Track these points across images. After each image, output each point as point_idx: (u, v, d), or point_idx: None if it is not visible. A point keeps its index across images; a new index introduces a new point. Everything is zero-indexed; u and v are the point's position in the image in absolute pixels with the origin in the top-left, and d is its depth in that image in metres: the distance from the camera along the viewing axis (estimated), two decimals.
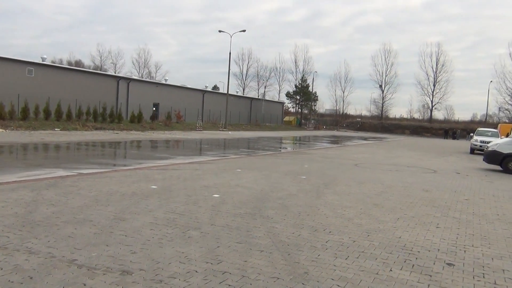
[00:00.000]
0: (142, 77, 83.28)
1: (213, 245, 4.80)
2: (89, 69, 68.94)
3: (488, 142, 21.98)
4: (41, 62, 36.40)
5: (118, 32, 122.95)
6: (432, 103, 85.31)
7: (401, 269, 4.34)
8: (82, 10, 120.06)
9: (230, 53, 46.57)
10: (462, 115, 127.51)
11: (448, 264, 4.61)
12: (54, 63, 71.24)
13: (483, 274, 4.37)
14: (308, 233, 5.51)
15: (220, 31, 47.06)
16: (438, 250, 5.10)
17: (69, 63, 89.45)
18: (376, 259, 4.64)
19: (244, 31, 46.63)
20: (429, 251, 5.03)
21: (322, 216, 6.53)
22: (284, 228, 5.72)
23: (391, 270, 4.30)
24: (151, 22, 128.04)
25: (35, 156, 14.07)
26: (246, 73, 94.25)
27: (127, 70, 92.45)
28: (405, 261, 4.60)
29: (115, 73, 78.82)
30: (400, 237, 5.57)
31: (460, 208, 7.83)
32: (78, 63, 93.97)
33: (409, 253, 4.89)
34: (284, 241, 5.10)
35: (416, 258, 4.72)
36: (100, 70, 77.46)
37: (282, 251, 4.71)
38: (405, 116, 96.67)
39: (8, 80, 32.58)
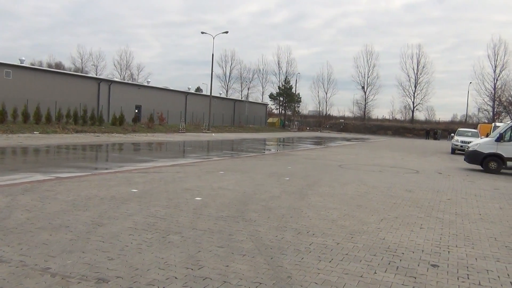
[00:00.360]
0: (124, 79, 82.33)
1: (194, 250, 4.67)
2: (70, 71, 67.92)
3: (468, 142, 22.26)
4: (19, 64, 35.62)
5: (100, 34, 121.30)
6: (413, 104, 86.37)
7: (385, 272, 4.28)
8: (63, 12, 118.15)
9: (212, 55, 46.44)
10: (443, 115, 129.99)
11: (433, 265, 4.56)
12: (33, 65, 70.08)
13: (468, 275, 4.34)
14: (291, 236, 5.42)
15: (202, 33, 46.80)
16: (422, 251, 5.05)
17: (49, 65, 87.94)
18: (360, 261, 4.56)
19: (226, 32, 46.48)
20: (413, 252, 4.98)
21: (306, 218, 6.45)
22: (267, 231, 5.61)
23: (375, 273, 4.23)
24: (134, 24, 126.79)
25: (12, 160, 13.70)
26: (230, 75, 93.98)
27: (108, 72, 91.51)
28: (389, 263, 4.54)
29: (96, 75, 77.79)
30: (384, 239, 5.51)
31: (443, 208, 7.84)
32: (58, 65, 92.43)
33: (393, 255, 4.84)
34: (267, 245, 4.99)
35: (401, 260, 4.67)
36: (81, 72, 76.37)
37: (265, 255, 4.61)
38: (387, 117, 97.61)
39: None
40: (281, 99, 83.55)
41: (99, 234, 5.09)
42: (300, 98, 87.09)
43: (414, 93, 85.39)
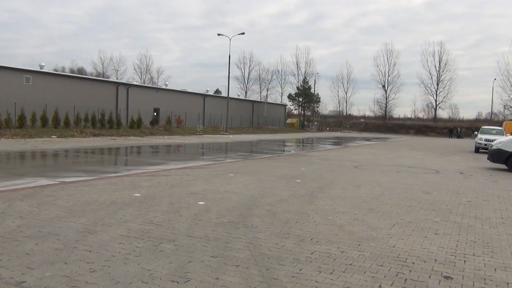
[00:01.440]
0: (144, 83, 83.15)
1: (184, 260, 4.34)
2: (90, 76, 68.87)
3: (492, 141, 21.40)
4: (38, 69, 36.14)
5: (122, 39, 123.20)
6: (436, 102, 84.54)
7: (391, 285, 3.86)
8: (86, 18, 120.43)
9: (229, 56, 46.23)
10: (467, 113, 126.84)
11: (446, 277, 4.12)
12: (56, 70, 71.33)
13: None
14: (292, 244, 5.04)
15: (219, 34, 46.74)
16: (435, 260, 4.61)
17: (72, 71, 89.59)
18: (364, 272, 4.16)
19: (243, 33, 46.23)
20: (424, 262, 4.54)
21: (311, 224, 6.06)
22: (267, 238, 5.25)
23: (380, 287, 3.82)
24: (154, 28, 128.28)
25: (22, 164, 13.69)
26: (248, 77, 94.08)
27: (129, 76, 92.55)
28: (397, 275, 4.12)
29: (117, 79, 78.74)
30: (394, 246, 5.08)
31: (461, 212, 7.33)
32: (80, 70, 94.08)
33: (403, 265, 4.41)
34: (265, 254, 4.63)
35: (410, 271, 4.24)
36: (102, 77, 77.40)
37: (261, 266, 4.25)
38: (409, 116, 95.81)
39: (5, 89, 32.36)
40: (300, 99, 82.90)
41: (88, 242, 4.82)
42: (319, 98, 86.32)
43: (436, 91, 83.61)
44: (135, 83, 55.66)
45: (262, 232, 5.51)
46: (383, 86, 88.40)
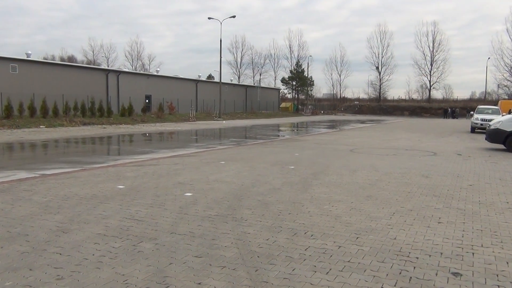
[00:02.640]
0: (135, 70, 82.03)
1: (164, 262, 3.91)
2: (79, 63, 67.72)
3: (489, 120, 21.07)
4: (25, 58, 35.23)
5: (112, 26, 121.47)
6: (430, 83, 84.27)
7: (395, 286, 3.45)
8: (75, 5, 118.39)
9: (220, 40, 45.43)
10: (461, 93, 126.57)
11: (454, 274, 3.72)
12: (46, 59, 70.05)
13: (498, 286, 3.48)
14: (285, 239, 4.62)
15: (209, 18, 45.77)
16: (441, 254, 4.21)
17: (62, 59, 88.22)
18: (364, 271, 3.75)
19: (234, 17, 45.34)
20: (429, 256, 4.14)
21: (306, 215, 5.64)
22: (257, 233, 4.82)
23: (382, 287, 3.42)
24: (146, 14, 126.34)
25: (3, 156, 13.13)
26: (241, 61, 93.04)
27: (120, 63, 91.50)
28: (400, 273, 3.71)
29: (108, 66, 77.55)
30: (395, 239, 4.67)
31: (464, 196, 6.94)
32: (71, 58, 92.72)
33: (406, 261, 4.00)
34: (255, 252, 4.20)
35: (414, 268, 3.83)
36: (93, 65, 76.20)
37: (249, 266, 3.82)
38: (403, 97, 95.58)
39: None
40: (294, 83, 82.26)
41: (59, 244, 4.37)
42: (313, 81, 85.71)
43: (430, 72, 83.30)
44: (125, 70, 54.73)
45: (252, 226, 5.08)
46: (377, 68, 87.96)
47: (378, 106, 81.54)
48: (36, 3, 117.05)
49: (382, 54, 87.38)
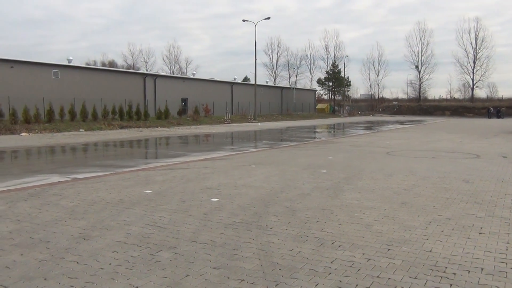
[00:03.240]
0: (173, 73, 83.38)
1: (181, 273, 3.74)
2: (121, 68, 69.53)
3: None
4: (66, 64, 36.41)
5: (151, 31, 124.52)
6: (473, 81, 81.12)
7: None
8: (116, 12, 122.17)
9: (255, 42, 45.34)
10: (507, 92, 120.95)
11: None
12: (88, 64, 72.44)
13: None
14: (311, 249, 4.35)
15: (244, 20, 45.84)
16: (482, 270, 3.83)
17: (103, 64, 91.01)
18: None
19: (268, 18, 45.16)
20: (468, 272, 3.77)
21: (335, 223, 5.34)
22: (282, 242, 4.58)
23: None
24: (183, 19, 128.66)
25: (40, 160, 13.45)
26: (276, 63, 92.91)
27: (158, 67, 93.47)
28: None
29: (146, 71, 79.27)
30: (430, 251, 4.31)
31: (509, 204, 6.42)
32: (112, 63, 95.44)
33: (442, 277, 3.65)
34: (277, 264, 3.97)
35: (451, 285, 3.48)
36: (133, 69, 78.09)
37: (269, 280, 3.59)
38: (444, 96, 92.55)
39: (35, 84, 32.76)
40: (330, 84, 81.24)
41: (78, 252, 4.29)
42: (350, 82, 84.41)
43: (473, 70, 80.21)
44: (162, 73, 55.72)
45: (277, 235, 4.85)
46: (416, 67, 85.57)
47: (418, 106, 79.25)
48: (79, 11, 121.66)
49: (421, 53, 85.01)
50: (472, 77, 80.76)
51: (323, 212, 5.91)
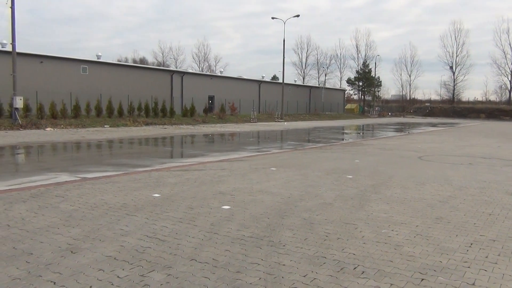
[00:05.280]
0: (202, 71, 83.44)
1: None
2: (151, 65, 69.99)
3: None
4: (95, 60, 36.63)
5: (183, 29, 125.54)
6: (510, 83, 77.83)
7: None
8: (150, 10, 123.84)
9: (284, 40, 44.57)
10: None
11: None
12: (120, 61, 73.24)
13: None
14: (327, 276, 3.67)
15: (273, 18, 45.17)
16: None
17: (134, 61, 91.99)
18: None
19: (298, 16, 44.30)
20: None
21: (358, 241, 4.63)
22: (294, 265, 3.92)
23: None
24: (215, 17, 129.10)
25: (54, 157, 13.13)
26: (306, 62, 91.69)
27: (187, 65, 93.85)
28: None
29: (176, 68, 79.61)
30: (473, 284, 3.56)
31: None
32: (142, 60, 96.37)
33: None
34: None
35: None
36: (162, 66, 78.49)
37: None
38: (479, 99, 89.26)
39: (63, 79, 33.06)
40: (360, 83, 79.54)
41: (60, 268, 3.75)
42: (380, 82, 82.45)
43: (511, 71, 76.80)
44: (190, 70, 55.60)
45: (290, 255, 4.18)
46: (451, 68, 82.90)
47: (451, 108, 76.66)
48: (115, 9, 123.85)
49: (456, 53, 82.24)
50: (510, 78, 77.63)
51: (345, 226, 5.20)
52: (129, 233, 4.82)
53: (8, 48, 25.76)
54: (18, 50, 25.48)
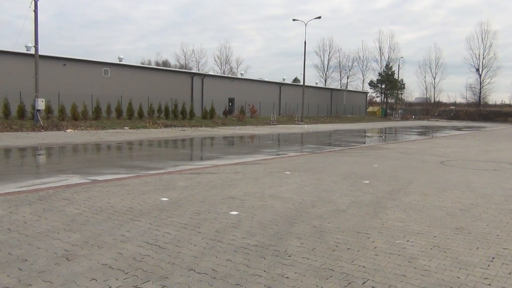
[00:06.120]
0: (224, 73, 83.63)
1: None
2: (174, 67, 70.53)
3: None
4: (116, 62, 37.01)
5: (206, 32, 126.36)
6: None
7: None
8: (174, 13, 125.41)
9: (305, 42, 44.25)
10: None
11: None
12: (143, 63, 74.05)
13: None
14: None
15: (294, 20, 44.81)
16: None
17: (157, 64, 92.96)
18: None
19: (319, 17, 43.85)
20: None
21: (370, 253, 4.34)
22: (299, 278, 3.66)
23: None
24: (238, 20, 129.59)
25: (69, 158, 13.13)
26: (328, 64, 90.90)
27: (209, 67, 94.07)
28: None
29: (198, 70, 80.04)
30: None
31: None
32: (165, 63, 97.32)
33: None
34: None
35: None
36: (185, 69, 79.04)
37: None
38: (507, 102, 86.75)
39: (85, 81, 33.48)
40: (383, 86, 78.39)
41: (51, 277, 3.58)
42: (404, 84, 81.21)
43: None
44: (210, 73, 55.75)
45: (295, 266, 3.93)
46: (477, 70, 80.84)
47: (477, 112, 74.74)
48: (139, 12, 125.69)
49: (483, 55, 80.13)
50: None
51: (357, 236, 4.91)
52: (130, 239, 4.64)
53: (32, 51, 26.19)
54: (41, 53, 25.94)
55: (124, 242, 4.55)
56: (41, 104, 24.12)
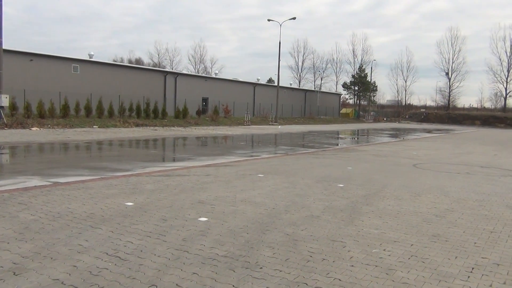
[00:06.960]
0: (198, 73, 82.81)
1: None
2: (147, 65, 69.33)
3: None
4: (86, 59, 35.98)
5: (181, 30, 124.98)
6: (506, 90, 77.89)
7: None
8: (148, 11, 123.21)
9: (280, 43, 44.22)
10: None
11: None
12: (115, 61, 72.52)
13: None
14: None
15: (269, 20, 44.68)
16: None
17: (129, 61, 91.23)
18: None
19: (294, 18, 43.85)
20: None
21: (345, 263, 4.10)
22: None
23: None
24: (213, 19, 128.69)
25: (30, 158, 12.49)
26: (302, 65, 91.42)
27: (183, 66, 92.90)
28: None
29: (171, 69, 78.99)
30: None
31: None
32: (138, 61, 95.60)
33: None
34: None
35: None
36: (158, 67, 77.85)
37: None
38: (475, 105, 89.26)
39: (54, 78, 32.41)
40: (356, 88, 79.28)
41: None
42: (376, 87, 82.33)
43: (506, 79, 77.02)
44: (184, 72, 54.99)
45: (267, 280, 3.64)
46: (447, 74, 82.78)
47: (446, 115, 76.47)
48: (112, 9, 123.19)
49: (452, 60, 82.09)
50: (505, 86, 77.57)
51: (332, 245, 4.67)
52: (88, 249, 4.26)
53: None
54: (6, 47, 24.84)
55: (81, 253, 4.16)
56: (5, 101, 23.09)
